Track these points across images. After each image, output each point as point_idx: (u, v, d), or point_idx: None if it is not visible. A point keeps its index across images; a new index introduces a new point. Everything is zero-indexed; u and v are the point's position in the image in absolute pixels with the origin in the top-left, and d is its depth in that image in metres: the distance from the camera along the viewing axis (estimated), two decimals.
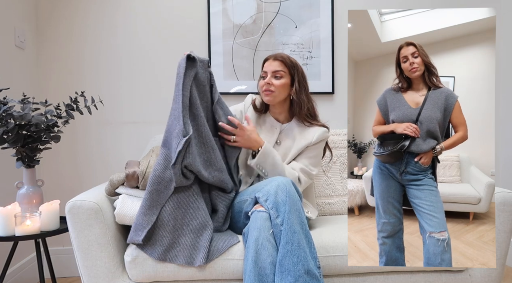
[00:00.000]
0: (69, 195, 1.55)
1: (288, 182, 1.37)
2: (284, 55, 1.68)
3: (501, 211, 1.49)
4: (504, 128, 2.34)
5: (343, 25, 2.33)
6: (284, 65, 1.67)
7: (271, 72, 1.66)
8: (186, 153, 1.36)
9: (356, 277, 1.47)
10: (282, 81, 1.66)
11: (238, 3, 2.28)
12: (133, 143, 2.26)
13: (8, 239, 1.53)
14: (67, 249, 2.22)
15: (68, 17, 2.23)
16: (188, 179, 1.40)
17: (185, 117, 1.40)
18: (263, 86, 1.67)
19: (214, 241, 1.39)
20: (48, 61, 2.22)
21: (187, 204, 1.39)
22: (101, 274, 1.38)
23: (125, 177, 1.43)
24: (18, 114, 1.54)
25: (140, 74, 2.28)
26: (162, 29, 2.27)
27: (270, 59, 1.69)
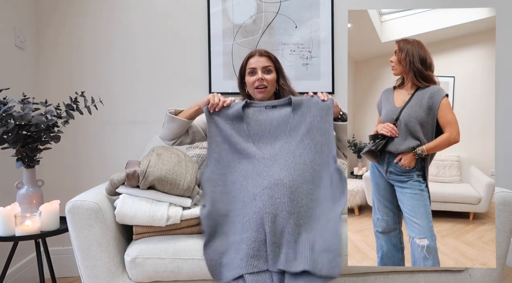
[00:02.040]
0: (69, 195, 1.54)
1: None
2: (267, 51, 1.74)
3: (501, 211, 1.48)
4: (504, 128, 2.34)
5: (343, 25, 2.33)
6: (270, 60, 1.72)
7: (261, 68, 1.69)
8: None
9: (356, 277, 1.47)
10: (273, 75, 1.71)
11: (238, 3, 2.28)
12: (133, 143, 2.26)
13: (8, 239, 1.53)
14: (67, 249, 2.22)
15: (68, 17, 2.22)
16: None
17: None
18: (254, 82, 1.69)
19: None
20: (48, 61, 2.22)
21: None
22: (101, 274, 1.38)
23: (125, 176, 1.43)
24: (18, 114, 1.54)
25: (140, 74, 2.28)
26: (162, 29, 2.27)
27: (255, 55, 1.72)
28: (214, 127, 1.55)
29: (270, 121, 1.56)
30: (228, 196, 1.45)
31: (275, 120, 1.56)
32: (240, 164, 1.49)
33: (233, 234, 1.35)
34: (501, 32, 2.36)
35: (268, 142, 1.53)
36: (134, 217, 1.40)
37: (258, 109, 1.58)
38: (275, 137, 1.54)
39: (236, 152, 1.51)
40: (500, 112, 2.34)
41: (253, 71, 1.70)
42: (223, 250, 1.34)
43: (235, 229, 1.35)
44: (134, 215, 1.40)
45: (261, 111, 1.58)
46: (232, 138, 1.52)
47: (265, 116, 1.57)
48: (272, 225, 1.27)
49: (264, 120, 1.56)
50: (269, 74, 1.70)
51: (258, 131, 1.55)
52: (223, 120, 1.55)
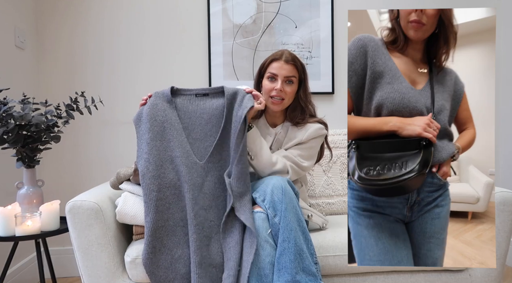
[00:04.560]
0: (69, 195, 1.55)
1: (283, 180, 1.36)
2: (295, 57, 1.55)
3: (501, 211, 1.48)
4: (504, 127, 2.34)
5: (343, 25, 2.33)
6: (296, 70, 1.54)
7: (283, 77, 1.51)
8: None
9: (356, 277, 1.47)
10: (294, 87, 1.54)
11: (238, 3, 2.28)
12: (133, 143, 2.25)
13: (8, 239, 1.53)
14: (67, 249, 2.22)
15: (68, 17, 2.23)
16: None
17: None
18: (271, 90, 1.52)
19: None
20: (48, 61, 2.22)
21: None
22: (101, 274, 1.38)
23: (133, 171, 1.43)
24: (18, 114, 1.54)
25: (140, 74, 2.28)
26: (162, 29, 2.27)
27: (281, 60, 1.52)
28: (144, 124, 1.44)
29: (201, 113, 1.45)
30: (163, 203, 1.37)
31: (206, 112, 1.45)
32: (173, 163, 1.40)
33: (176, 247, 1.34)
34: (501, 31, 2.35)
35: (198, 137, 1.45)
36: (134, 217, 1.41)
37: (188, 98, 1.47)
38: (205, 133, 1.45)
39: (169, 150, 1.41)
40: (500, 112, 2.34)
41: (274, 77, 1.52)
42: (168, 265, 1.33)
43: (178, 242, 1.35)
44: (135, 215, 1.40)
45: (191, 101, 1.47)
46: (164, 133, 1.42)
47: (195, 106, 1.46)
48: (207, 248, 1.32)
49: (194, 112, 1.45)
50: (290, 85, 1.53)
51: (188, 125, 1.45)
52: (154, 114, 1.43)
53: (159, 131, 1.42)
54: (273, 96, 1.53)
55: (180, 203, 1.38)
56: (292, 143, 1.57)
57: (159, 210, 1.35)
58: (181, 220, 1.37)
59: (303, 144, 1.56)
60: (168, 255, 1.33)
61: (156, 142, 1.41)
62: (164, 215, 1.36)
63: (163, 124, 1.43)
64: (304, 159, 1.56)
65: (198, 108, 1.46)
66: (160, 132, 1.42)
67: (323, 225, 1.58)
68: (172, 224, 1.36)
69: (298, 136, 1.56)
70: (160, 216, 1.35)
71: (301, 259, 1.24)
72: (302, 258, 1.24)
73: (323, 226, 1.58)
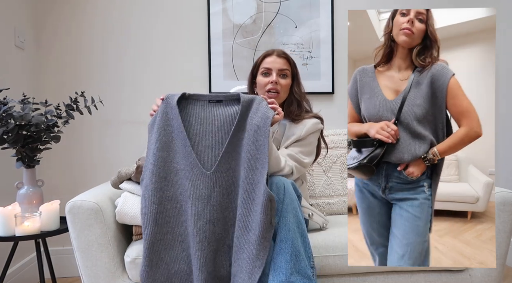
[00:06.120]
0: (69, 195, 1.55)
1: (286, 181, 1.35)
2: (286, 52, 1.62)
3: (501, 210, 1.48)
4: (504, 127, 2.34)
5: (343, 25, 2.33)
6: (288, 63, 1.59)
7: (277, 70, 1.56)
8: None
9: (356, 277, 1.47)
10: (288, 81, 1.59)
11: (238, 3, 2.28)
12: (133, 143, 2.26)
13: (8, 239, 1.53)
14: (67, 249, 2.22)
15: (68, 17, 2.23)
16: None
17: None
18: (266, 84, 1.55)
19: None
20: (48, 61, 2.22)
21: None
22: (101, 274, 1.38)
23: (135, 169, 1.43)
24: (18, 114, 1.54)
25: (140, 74, 2.28)
26: (162, 29, 2.28)
27: (273, 55, 1.58)
28: (154, 134, 1.39)
29: (213, 120, 1.37)
30: (163, 216, 1.33)
31: (219, 119, 1.37)
32: (177, 176, 1.35)
33: (173, 262, 1.31)
34: (501, 31, 2.35)
35: (209, 145, 1.36)
36: (134, 217, 1.41)
37: (201, 104, 1.39)
38: (216, 141, 1.36)
39: (174, 161, 1.36)
40: (500, 112, 2.34)
41: (268, 72, 1.57)
42: (164, 280, 1.30)
43: (176, 257, 1.32)
44: (135, 215, 1.40)
45: (204, 107, 1.39)
46: (172, 144, 1.37)
47: (207, 113, 1.38)
48: (212, 263, 1.28)
49: (206, 118, 1.38)
50: (285, 78, 1.57)
51: (199, 132, 1.37)
52: (164, 123, 1.38)
53: (167, 141, 1.38)
54: (269, 90, 1.56)
55: (180, 217, 1.34)
56: (291, 140, 1.57)
57: (158, 223, 1.32)
58: (179, 235, 1.33)
59: (302, 140, 1.57)
60: (165, 269, 1.31)
61: (162, 153, 1.36)
62: (163, 229, 1.32)
63: (171, 134, 1.38)
64: (305, 155, 1.56)
65: (210, 114, 1.39)
66: (167, 143, 1.38)
67: (324, 225, 1.58)
68: (171, 238, 1.33)
69: (297, 133, 1.57)
70: (159, 229, 1.32)
71: (297, 260, 1.23)
72: (298, 259, 1.23)
73: (324, 226, 1.57)
